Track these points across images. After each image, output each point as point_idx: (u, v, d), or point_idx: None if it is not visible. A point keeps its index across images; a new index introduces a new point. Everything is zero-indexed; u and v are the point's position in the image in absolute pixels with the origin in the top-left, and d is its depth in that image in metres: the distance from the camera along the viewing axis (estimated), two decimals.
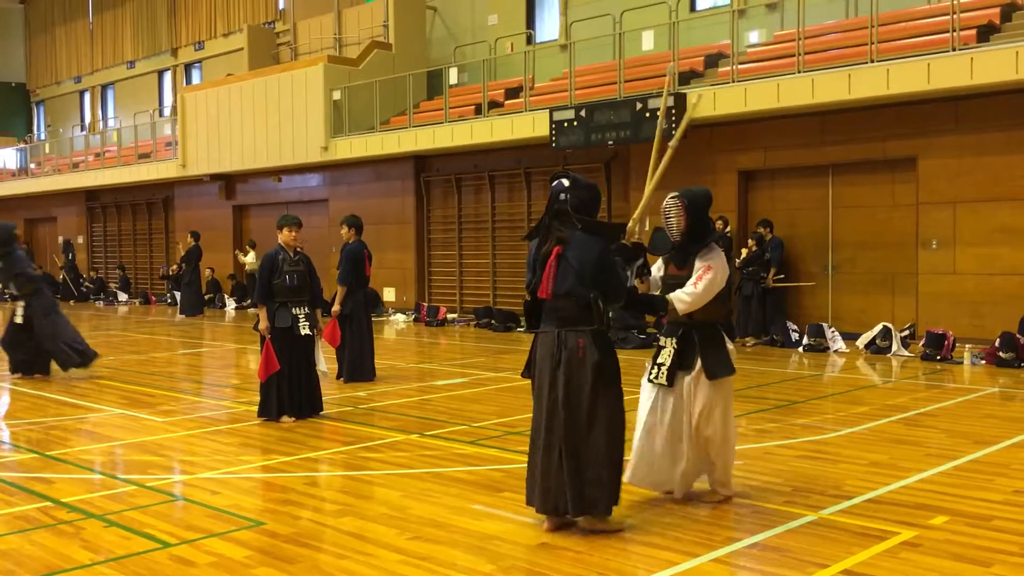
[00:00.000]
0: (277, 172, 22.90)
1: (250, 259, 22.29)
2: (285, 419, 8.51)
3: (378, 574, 4.54)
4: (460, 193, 19.75)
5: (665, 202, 5.62)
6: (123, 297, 27.33)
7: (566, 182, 5.22)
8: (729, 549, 4.82)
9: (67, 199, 30.81)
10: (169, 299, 25.05)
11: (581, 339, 5.04)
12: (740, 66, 14.75)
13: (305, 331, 8.64)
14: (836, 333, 13.53)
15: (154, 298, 26.57)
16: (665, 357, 5.62)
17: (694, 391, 5.55)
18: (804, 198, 14.91)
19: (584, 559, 4.69)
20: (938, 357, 12.06)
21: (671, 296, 5.48)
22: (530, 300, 5.25)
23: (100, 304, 26.78)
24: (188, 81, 30.17)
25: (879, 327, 13.10)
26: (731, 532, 5.12)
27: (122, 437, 8.04)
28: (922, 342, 12.51)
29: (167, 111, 30.87)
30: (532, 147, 17.58)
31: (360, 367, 10.89)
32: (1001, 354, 11.49)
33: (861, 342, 13.22)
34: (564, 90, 17.03)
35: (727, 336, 5.70)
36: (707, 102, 14.24)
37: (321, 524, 5.38)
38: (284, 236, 8.76)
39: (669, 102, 14.17)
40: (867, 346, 13.07)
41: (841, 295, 14.58)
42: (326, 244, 20.99)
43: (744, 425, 7.91)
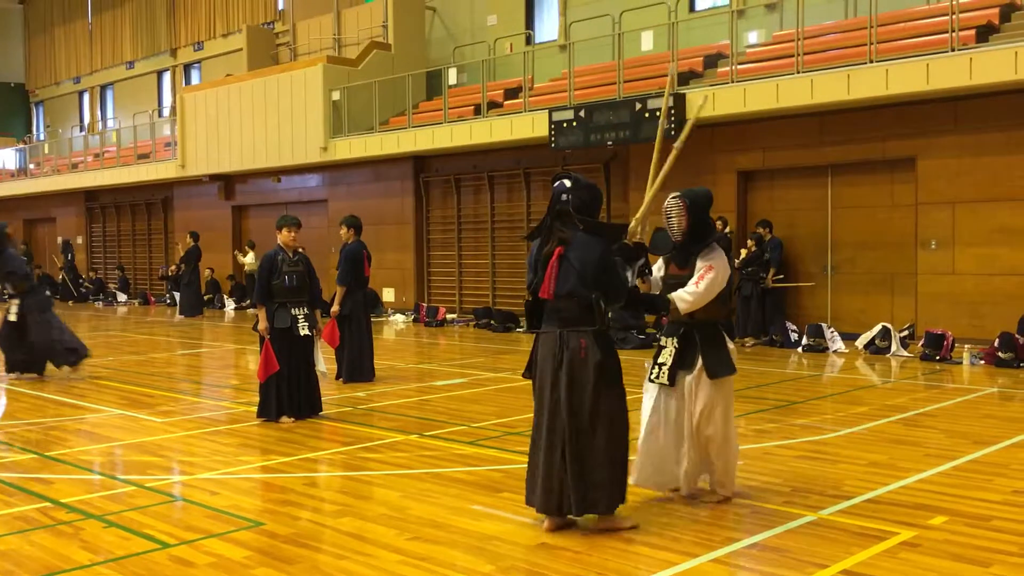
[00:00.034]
0: (276, 172, 22.90)
1: (249, 259, 22.29)
2: (284, 419, 8.51)
3: (377, 574, 4.55)
4: (459, 193, 19.74)
5: (667, 202, 5.63)
6: (122, 298, 27.31)
7: (568, 183, 5.23)
8: (728, 549, 4.83)
9: (66, 199, 30.80)
10: (168, 300, 25.04)
11: (583, 339, 5.05)
12: (739, 66, 14.76)
13: (304, 332, 8.65)
14: (835, 333, 13.53)
15: (153, 299, 26.56)
16: (666, 357, 5.63)
17: (695, 390, 5.56)
18: (803, 198, 14.91)
19: (583, 559, 4.69)
20: (937, 357, 12.07)
21: (673, 295, 5.49)
22: (531, 300, 5.26)
23: (99, 305, 26.77)
24: (187, 81, 30.15)
25: (878, 327, 13.10)
26: (730, 532, 5.12)
27: (121, 438, 8.04)
28: (921, 342, 12.51)
29: (166, 111, 30.86)
30: (531, 147, 17.58)
31: (359, 367, 10.90)
32: (1000, 354, 11.50)
33: (860, 342, 13.22)
34: (563, 90, 17.03)
35: (727, 336, 5.71)
36: (707, 102, 14.24)
37: (320, 524, 5.38)
38: (283, 236, 8.77)
39: (669, 102, 14.17)
40: (866, 346, 13.08)
41: (840, 295, 14.58)
42: (325, 244, 20.99)
43: (743, 425, 7.91)
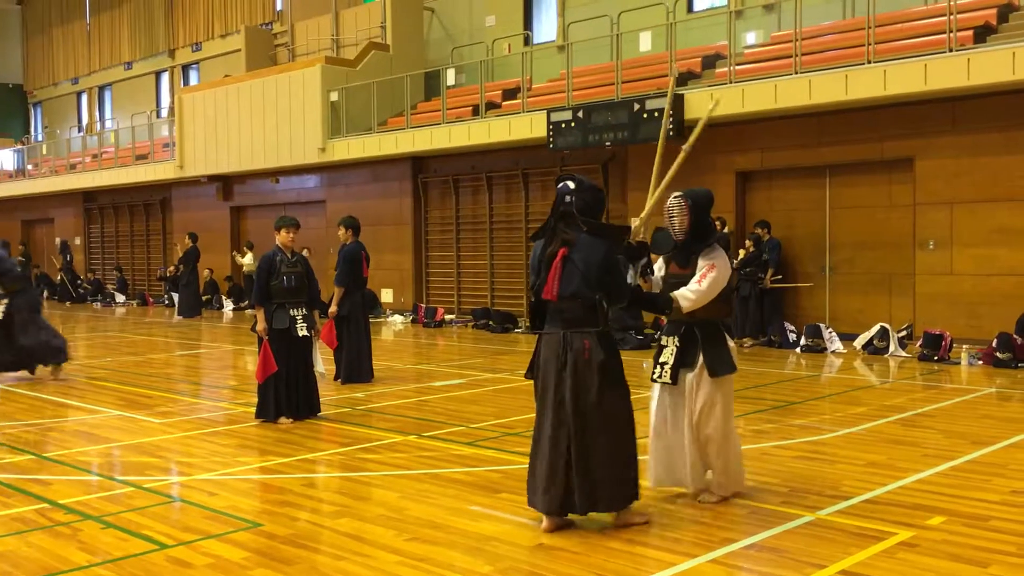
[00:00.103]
0: (274, 173, 22.88)
1: (248, 260, 22.28)
2: (283, 420, 8.51)
3: (376, 575, 4.55)
4: (458, 194, 19.74)
5: (668, 201, 5.66)
6: (120, 298, 27.29)
7: (571, 184, 5.25)
8: (727, 550, 4.83)
9: (64, 200, 30.78)
10: (167, 300, 25.03)
11: (587, 340, 5.08)
12: (737, 67, 14.78)
13: (303, 332, 8.65)
14: (833, 334, 13.53)
15: (151, 299, 26.54)
16: (668, 356, 5.65)
17: (695, 388, 5.58)
18: (801, 199, 14.92)
19: (582, 560, 4.70)
20: (935, 358, 12.07)
21: (676, 293, 5.51)
22: (535, 301, 5.28)
23: (97, 305, 26.74)
24: (185, 82, 30.14)
25: (876, 328, 13.11)
26: (728, 533, 5.12)
27: (119, 438, 8.03)
28: (919, 343, 12.51)
29: (164, 112, 30.84)
30: (530, 148, 17.58)
31: (358, 368, 10.89)
32: (998, 354, 11.50)
33: (858, 343, 13.23)
34: (562, 91, 17.03)
35: (728, 335, 5.73)
36: (704, 103, 14.25)
37: (319, 525, 5.38)
38: (282, 237, 8.77)
39: (670, 113, 14.15)
40: (864, 347, 13.08)
41: (838, 296, 14.59)
42: (323, 245, 20.99)
43: (742, 426, 7.90)
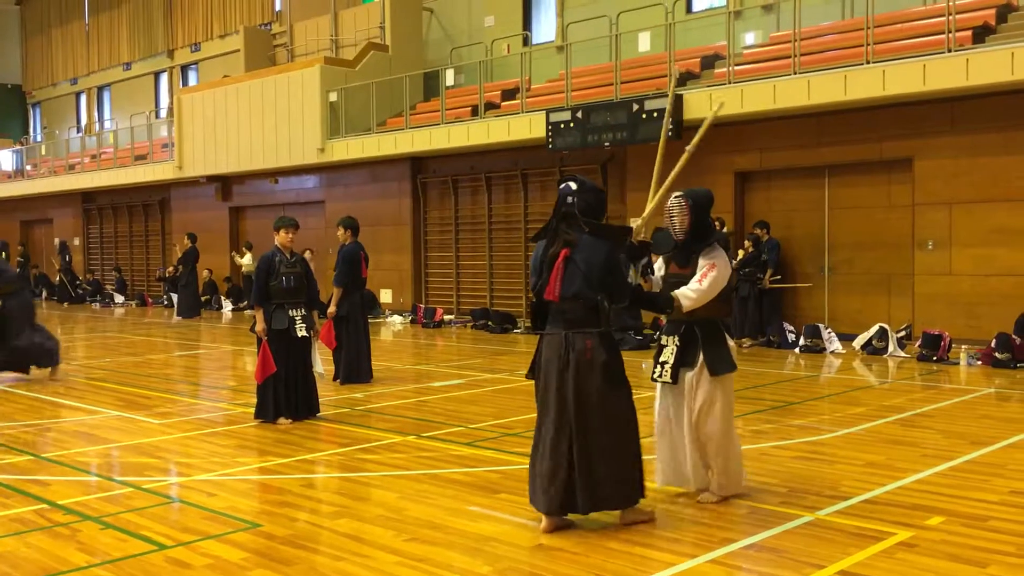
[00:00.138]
0: (273, 174, 22.88)
1: (246, 261, 22.27)
2: (282, 421, 8.51)
3: (375, 575, 4.56)
4: (457, 194, 19.74)
5: (669, 201, 5.69)
6: (119, 299, 27.27)
7: (574, 185, 5.28)
8: (726, 550, 4.83)
9: (63, 201, 30.76)
10: (166, 301, 25.02)
11: (589, 341, 5.10)
12: (736, 67, 14.79)
13: (302, 333, 8.65)
14: (832, 334, 13.54)
15: (151, 300, 26.53)
16: (668, 355, 5.67)
17: (695, 387, 5.59)
18: (800, 199, 14.92)
19: (581, 560, 4.70)
20: (934, 358, 12.08)
21: (677, 292, 5.52)
22: (536, 302, 5.29)
23: (96, 306, 26.72)
24: (184, 83, 30.13)
25: (875, 328, 13.11)
26: (728, 533, 5.12)
27: (118, 439, 8.03)
28: (918, 343, 12.52)
29: (163, 113, 30.82)
30: (528, 148, 17.58)
31: (356, 369, 10.89)
32: (997, 355, 11.51)
33: (857, 343, 13.23)
34: (560, 91, 17.03)
35: (727, 334, 5.74)
36: (703, 103, 14.26)
37: (318, 526, 5.38)
38: (281, 238, 8.77)
39: (669, 119, 14.16)
40: (863, 347, 13.09)
41: (837, 296, 14.59)
42: (322, 246, 20.98)
43: (741, 426, 7.90)
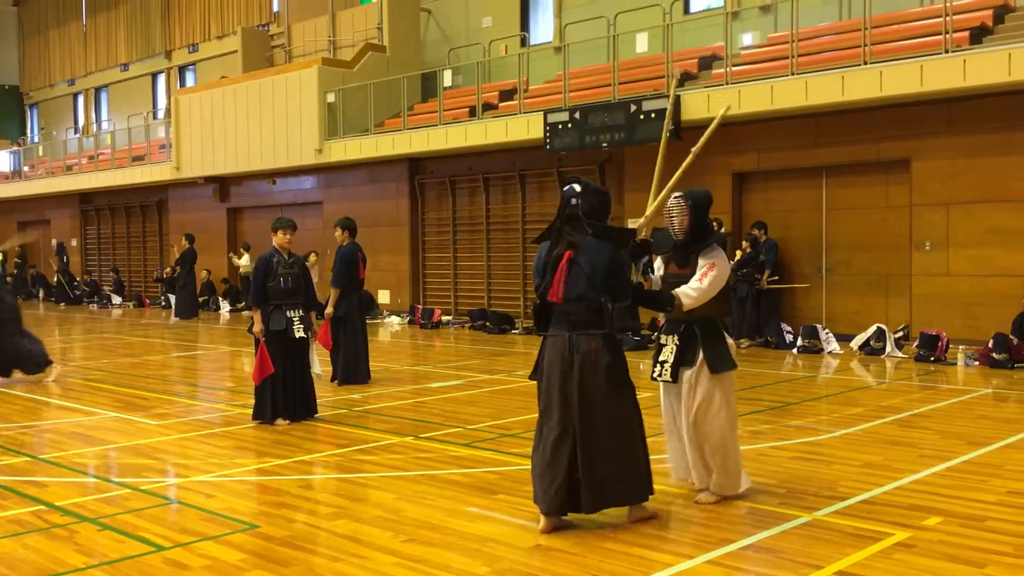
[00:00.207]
0: (271, 175, 22.87)
1: (244, 262, 22.25)
2: (279, 422, 8.50)
3: None
4: (454, 195, 19.74)
5: (669, 202, 5.72)
6: (117, 300, 27.25)
7: (577, 187, 5.29)
8: (724, 551, 4.83)
9: (61, 202, 30.73)
10: (163, 302, 25.00)
11: (593, 342, 5.12)
12: (734, 68, 14.79)
13: (299, 334, 8.65)
14: (830, 334, 13.54)
15: (148, 301, 26.51)
16: (667, 355, 5.68)
17: (694, 385, 5.60)
18: (798, 200, 14.93)
19: (579, 561, 4.69)
20: (932, 358, 12.08)
21: (678, 291, 5.55)
22: (540, 304, 5.31)
23: (94, 307, 26.70)
24: (182, 83, 30.10)
25: (873, 328, 13.12)
26: (726, 533, 5.12)
27: (116, 440, 8.02)
28: (916, 343, 12.53)
29: (161, 113, 30.77)
30: (526, 149, 17.58)
31: (354, 370, 10.89)
32: (994, 355, 11.52)
33: (855, 343, 13.24)
34: (558, 92, 17.03)
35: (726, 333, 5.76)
36: (701, 104, 14.27)
37: (315, 527, 5.38)
38: (278, 239, 8.76)
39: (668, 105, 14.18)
40: (861, 347, 13.09)
41: (835, 296, 14.60)
42: (320, 246, 20.95)
43: (739, 427, 7.88)
